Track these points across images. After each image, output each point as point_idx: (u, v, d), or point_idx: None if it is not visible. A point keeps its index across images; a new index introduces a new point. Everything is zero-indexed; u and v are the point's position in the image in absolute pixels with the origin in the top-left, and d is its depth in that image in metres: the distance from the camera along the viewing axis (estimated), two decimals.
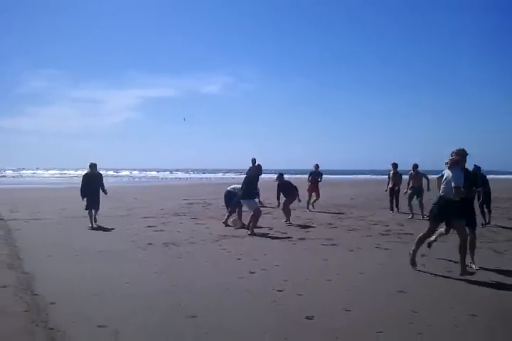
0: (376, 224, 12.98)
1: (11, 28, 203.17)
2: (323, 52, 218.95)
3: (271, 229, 11.83)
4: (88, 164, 12.46)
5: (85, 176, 12.50)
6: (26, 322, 4.63)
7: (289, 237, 10.46)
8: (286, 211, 13.22)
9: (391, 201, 16.51)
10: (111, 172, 75.96)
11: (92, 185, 12.10)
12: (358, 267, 7.46)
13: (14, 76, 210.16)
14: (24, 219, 13.05)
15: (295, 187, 13.25)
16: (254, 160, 15.31)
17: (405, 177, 15.90)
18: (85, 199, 12.05)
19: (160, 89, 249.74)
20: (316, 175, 17.35)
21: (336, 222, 13.58)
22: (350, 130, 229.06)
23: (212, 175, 74.55)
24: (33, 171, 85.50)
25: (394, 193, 16.35)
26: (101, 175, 12.71)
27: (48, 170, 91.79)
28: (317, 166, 17.42)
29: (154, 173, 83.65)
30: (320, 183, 17.45)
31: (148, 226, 11.90)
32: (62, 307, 5.11)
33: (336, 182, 38.06)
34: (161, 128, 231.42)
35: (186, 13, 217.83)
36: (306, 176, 17.59)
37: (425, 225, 7.51)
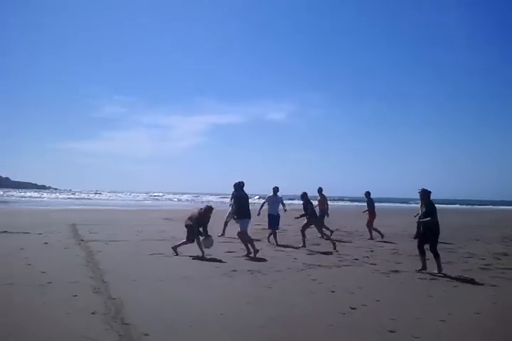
0: (470, 257, 11.92)
1: (88, 56, 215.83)
2: (393, 76, 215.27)
3: (356, 259, 11.08)
4: None
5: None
6: None
7: (380, 269, 9.66)
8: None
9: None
10: (177, 196, 77.03)
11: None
12: (470, 306, 6.62)
13: (91, 101, 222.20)
14: (104, 241, 12.96)
15: None
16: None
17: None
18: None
19: (227, 115, 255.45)
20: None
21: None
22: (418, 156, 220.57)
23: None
24: (106, 193, 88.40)
25: None
26: None
27: (120, 192, 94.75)
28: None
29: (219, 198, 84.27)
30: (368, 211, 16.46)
31: (229, 252, 11.46)
32: (157, 340, 4.67)
33: (399, 211, 36.47)
34: (227, 154, 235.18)
35: (252, 42, 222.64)
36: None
37: None
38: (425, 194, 9.41)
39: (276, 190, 14.59)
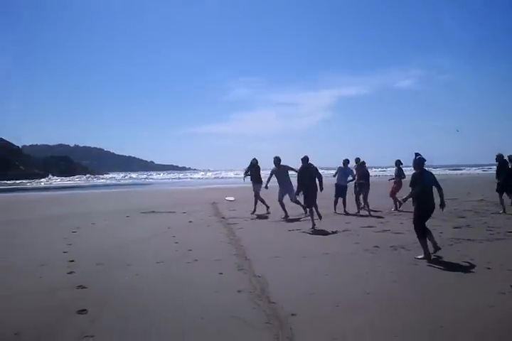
0: None
1: (211, 42, 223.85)
2: None
3: (510, 232, 10.01)
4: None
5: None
6: (270, 336, 4.18)
7: None
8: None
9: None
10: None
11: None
12: None
13: (219, 85, 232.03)
14: (243, 218, 13.33)
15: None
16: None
17: None
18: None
19: (353, 87, 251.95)
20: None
21: None
22: None
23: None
24: (238, 171, 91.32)
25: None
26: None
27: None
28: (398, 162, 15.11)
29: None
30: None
31: (368, 227, 11.11)
32: (306, 321, 4.56)
33: None
34: (354, 126, 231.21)
35: (373, 10, 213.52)
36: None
37: None
38: (415, 163, 7.77)
39: (346, 162, 15.02)
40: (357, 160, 14.93)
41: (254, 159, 15.26)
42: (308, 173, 11.59)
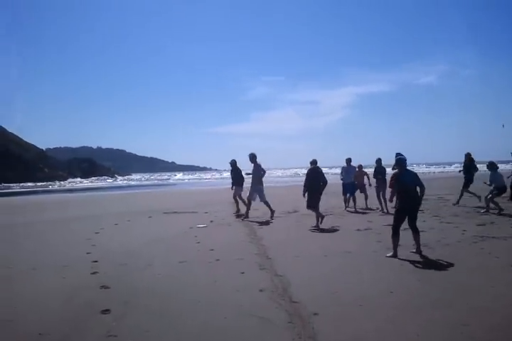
0: None
1: (234, 41, 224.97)
2: None
3: None
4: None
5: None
6: (292, 336, 4.16)
7: None
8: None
9: None
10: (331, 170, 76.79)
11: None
12: None
13: (241, 85, 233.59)
14: (264, 217, 13.36)
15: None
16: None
17: None
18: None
19: (373, 84, 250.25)
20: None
21: None
22: None
23: (437, 169, 69.66)
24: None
25: None
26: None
27: (272, 169, 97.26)
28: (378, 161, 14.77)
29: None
30: None
31: (390, 225, 10.95)
32: (328, 320, 4.54)
33: None
34: (375, 124, 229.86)
35: (395, 5, 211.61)
36: None
37: None
38: (395, 163, 8.13)
39: (349, 160, 15.10)
40: (348, 160, 15.13)
41: (233, 160, 15.15)
42: (315, 175, 11.57)
